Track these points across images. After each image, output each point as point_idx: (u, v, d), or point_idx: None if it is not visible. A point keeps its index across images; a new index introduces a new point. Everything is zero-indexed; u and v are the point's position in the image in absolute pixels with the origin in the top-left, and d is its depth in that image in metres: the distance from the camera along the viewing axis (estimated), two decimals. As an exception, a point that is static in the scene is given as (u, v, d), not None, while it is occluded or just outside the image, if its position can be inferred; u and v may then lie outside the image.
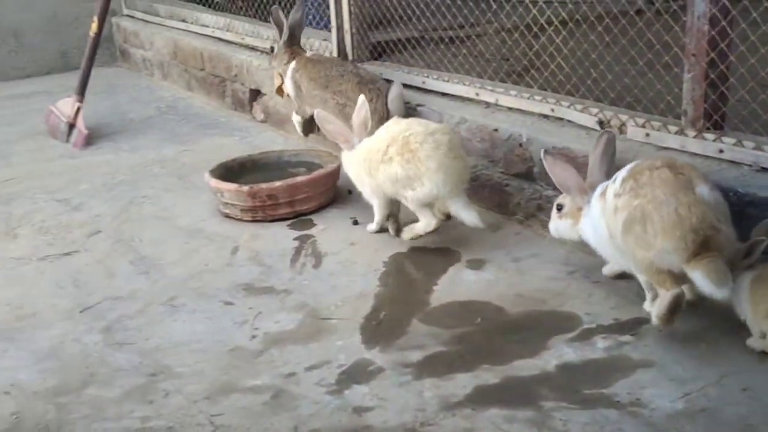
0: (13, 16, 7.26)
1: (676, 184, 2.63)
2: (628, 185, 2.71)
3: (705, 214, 2.58)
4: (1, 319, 3.25)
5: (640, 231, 2.66)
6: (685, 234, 2.57)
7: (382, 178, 3.48)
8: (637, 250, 2.69)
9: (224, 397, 2.66)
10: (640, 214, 2.65)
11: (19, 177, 4.84)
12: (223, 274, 3.49)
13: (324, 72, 4.28)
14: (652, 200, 2.63)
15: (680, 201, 2.59)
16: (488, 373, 2.66)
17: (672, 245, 2.59)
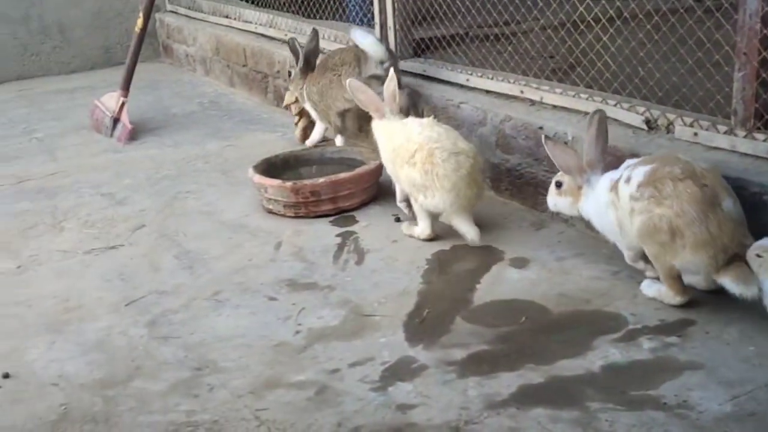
0: (58, 12, 7.35)
1: (704, 201, 2.75)
2: (647, 192, 2.84)
3: (734, 233, 2.74)
4: (48, 311, 3.29)
5: (668, 240, 2.80)
6: (716, 253, 2.74)
7: (403, 175, 3.61)
8: (661, 254, 2.85)
9: (269, 392, 2.67)
10: (668, 226, 2.78)
11: (65, 171, 4.90)
12: (267, 270, 3.51)
13: (323, 63, 4.60)
14: (682, 215, 2.76)
15: (710, 220, 2.73)
16: (533, 373, 2.65)
17: (703, 262, 2.77)
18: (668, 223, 2.78)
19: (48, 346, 3.04)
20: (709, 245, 2.73)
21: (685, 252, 2.78)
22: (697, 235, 2.74)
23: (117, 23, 7.59)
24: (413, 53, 4.70)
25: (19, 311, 3.31)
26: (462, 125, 4.10)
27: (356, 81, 3.86)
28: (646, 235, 2.86)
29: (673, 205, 2.77)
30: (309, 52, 4.78)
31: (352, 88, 3.80)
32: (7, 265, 3.72)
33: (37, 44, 7.35)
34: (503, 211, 3.83)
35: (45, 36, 7.37)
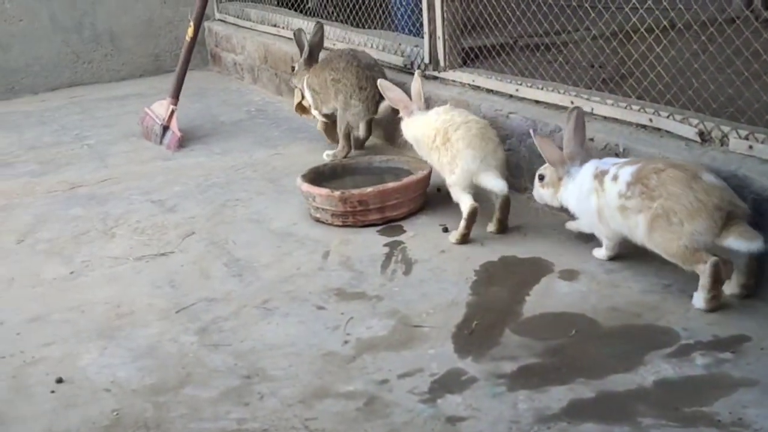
0: (110, 20, 7.47)
1: (686, 178, 2.95)
2: (637, 189, 3.06)
3: (722, 194, 2.92)
4: (100, 317, 3.34)
5: (665, 225, 2.97)
6: (711, 213, 2.89)
7: (435, 162, 3.93)
8: (668, 244, 3.00)
9: (318, 401, 2.68)
10: (662, 211, 2.98)
11: (115, 177, 4.97)
12: (315, 278, 3.52)
13: (325, 60, 4.87)
14: (669, 197, 2.96)
15: (696, 190, 2.92)
16: (584, 387, 2.63)
17: (702, 226, 2.91)
18: (662, 208, 2.98)
19: (100, 352, 3.08)
20: (701, 210, 2.90)
21: (684, 226, 2.93)
22: (687, 206, 2.92)
23: (167, 31, 7.69)
24: (462, 63, 4.69)
25: (72, 316, 3.36)
26: (511, 135, 4.09)
27: (386, 81, 4.27)
28: (656, 233, 3.02)
29: (661, 193, 2.99)
30: (313, 45, 5.01)
31: (382, 88, 4.20)
32: (61, 270, 3.78)
33: (89, 52, 7.47)
34: (552, 223, 3.80)
35: (97, 44, 7.48)
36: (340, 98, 4.69)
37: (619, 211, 3.15)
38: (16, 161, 5.44)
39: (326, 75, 4.75)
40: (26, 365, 3.03)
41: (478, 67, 4.62)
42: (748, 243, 2.85)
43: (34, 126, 6.28)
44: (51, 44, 7.33)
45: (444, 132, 3.80)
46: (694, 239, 2.93)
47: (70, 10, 7.33)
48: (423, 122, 3.98)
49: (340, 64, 4.70)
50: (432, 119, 3.92)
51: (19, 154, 5.60)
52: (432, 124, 3.89)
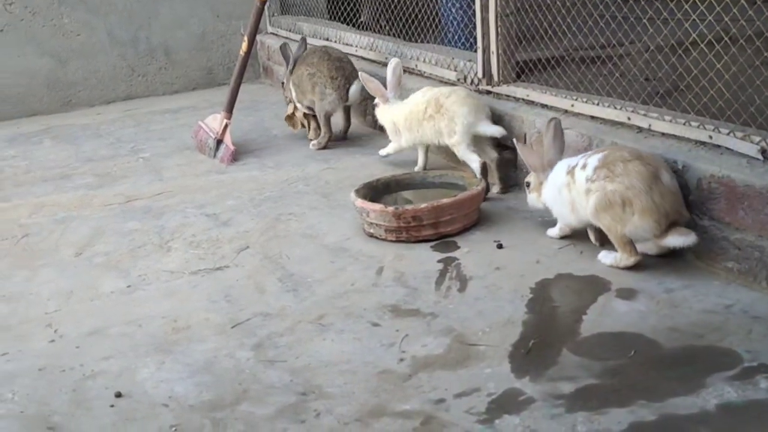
0: (165, 34, 7.58)
1: (649, 176, 3.30)
2: (602, 173, 3.40)
3: (673, 202, 3.32)
4: (157, 331, 3.37)
5: (620, 211, 3.35)
6: (659, 218, 3.31)
7: (428, 133, 4.52)
8: (613, 224, 3.39)
9: (375, 420, 2.67)
10: (620, 198, 3.33)
11: (170, 191, 5.02)
12: (369, 295, 3.52)
13: (302, 57, 5.52)
14: (631, 188, 3.31)
15: (654, 191, 3.29)
16: (644, 410, 2.58)
17: (649, 225, 3.32)
18: (620, 196, 3.33)
19: (158, 366, 3.11)
20: (654, 211, 3.28)
21: (634, 219, 3.32)
22: (644, 204, 3.28)
23: (219, 45, 7.78)
24: (515, 77, 4.67)
25: (129, 330, 3.39)
26: (566, 151, 4.04)
27: (365, 74, 5.02)
28: (601, 210, 3.40)
29: (624, 181, 3.32)
30: (297, 59, 5.58)
31: (363, 80, 4.94)
32: (118, 284, 3.83)
33: (143, 65, 7.59)
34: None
35: (151, 57, 7.60)
36: (317, 90, 5.35)
37: (585, 194, 3.47)
38: (74, 174, 5.53)
39: (303, 70, 5.41)
40: (86, 378, 3.07)
41: (532, 82, 4.59)
42: (684, 239, 3.31)
43: (91, 139, 6.38)
44: (107, 58, 7.46)
45: (435, 101, 4.44)
46: (637, 232, 3.36)
47: (127, 24, 7.46)
48: (407, 105, 4.65)
49: (314, 59, 5.38)
50: (418, 98, 4.57)
51: (77, 166, 5.69)
52: (420, 101, 4.55)
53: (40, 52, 7.26)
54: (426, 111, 4.49)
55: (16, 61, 7.20)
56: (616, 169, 3.36)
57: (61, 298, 3.74)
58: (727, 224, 3.30)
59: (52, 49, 7.30)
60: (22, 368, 3.17)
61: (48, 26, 7.25)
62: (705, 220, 3.38)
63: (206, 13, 7.70)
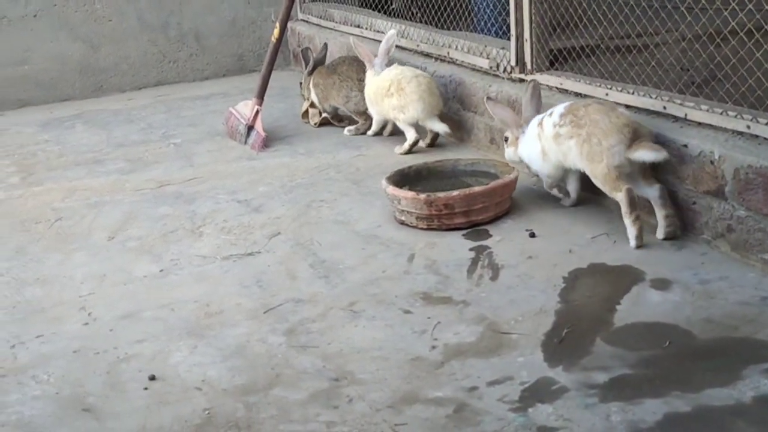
0: (196, 20, 7.60)
1: (604, 109, 3.68)
2: (568, 119, 3.74)
3: (629, 118, 3.66)
4: (190, 315, 3.39)
5: (590, 148, 3.63)
6: (621, 129, 3.58)
7: (386, 106, 5.03)
8: (593, 165, 3.65)
9: (407, 406, 2.67)
10: (587, 135, 3.65)
11: (201, 177, 5.04)
12: (401, 282, 3.52)
13: (332, 66, 5.67)
14: (591, 123, 3.65)
15: (610, 115, 3.64)
16: (679, 401, 2.57)
17: (616, 140, 3.57)
18: (587, 133, 3.65)
19: (191, 350, 3.13)
20: (615, 129, 3.59)
21: (602, 143, 3.59)
22: (603, 128, 3.60)
23: (250, 31, 7.78)
24: (549, 65, 4.64)
25: (162, 314, 3.41)
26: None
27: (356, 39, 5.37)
28: (584, 155, 3.68)
29: (587, 121, 3.67)
30: (317, 61, 5.80)
31: (354, 44, 5.23)
32: (151, 268, 3.85)
33: (174, 51, 7.61)
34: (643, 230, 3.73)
35: (182, 44, 7.61)
36: (343, 93, 5.51)
37: (553, 139, 3.80)
38: (106, 158, 5.57)
39: (334, 78, 5.54)
40: (119, 361, 3.09)
41: (566, 70, 4.56)
42: (655, 153, 3.50)
43: (122, 124, 6.41)
44: (138, 44, 7.49)
45: (398, 82, 4.91)
46: (611, 153, 3.56)
47: (158, 10, 7.48)
48: (377, 82, 5.08)
49: (343, 68, 5.55)
50: (385, 75, 5.02)
51: (109, 151, 5.72)
52: (385, 78, 5.00)
53: (72, 37, 7.30)
54: (389, 89, 4.96)
55: (49, 46, 7.24)
56: (578, 112, 3.73)
57: (94, 282, 3.77)
58: (764, 215, 3.26)
59: (84, 35, 7.34)
60: (57, 350, 3.20)
61: (80, 12, 7.29)
62: (741, 211, 3.34)
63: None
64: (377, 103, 5.14)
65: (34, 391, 2.94)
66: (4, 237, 4.34)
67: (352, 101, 5.50)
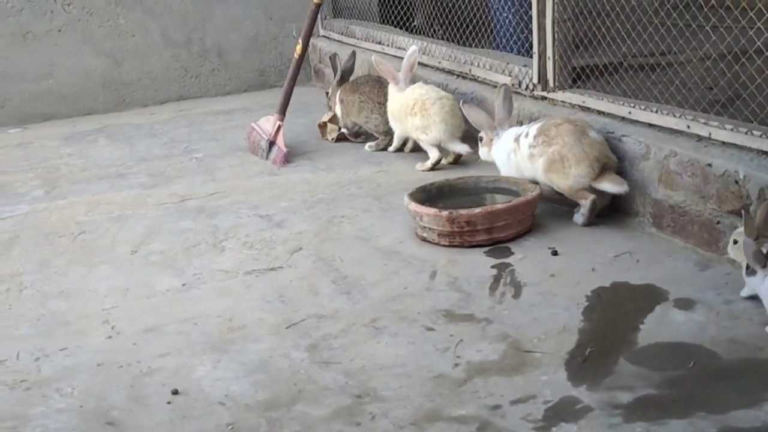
0: (219, 36, 7.64)
1: (576, 132, 3.96)
2: (541, 139, 4.07)
3: (601, 149, 3.95)
4: (213, 330, 3.40)
5: (560, 167, 3.98)
6: (592, 163, 3.92)
7: (409, 125, 5.08)
8: (559, 181, 4.02)
9: (430, 424, 2.67)
10: (558, 156, 3.97)
11: (223, 191, 5.06)
12: (423, 299, 3.52)
13: (356, 84, 5.70)
14: (564, 146, 3.96)
15: (583, 143, 3.93)
16: (704, 422, 2.55)
17: (584, 171, 3.92)
18: (558, 153, 3.97)
19: (214, 365, 3.14)
20: (585, 158, 3.91)
21: (572, 169, 3.94)
22: (576, 154, 3.92)
23: (272, 47, 7.82)
24: (571, 83, 4.64)
25: (185, 328, 3.43)
26: (623, 159, 4.02)
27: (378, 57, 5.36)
28: (548, 170, 4.04)
29: (558, 141, 3.98)
30: (345, 70, 5.85)
31: (376, 63, 5.23)
32: (173, 282, 3.87)
33: (196, 66, 7.66)
34: (666, 249, 3.72)
35: (204, 59, 7.66)
36: (363, 114, 5.55)
37: (528, 158, 4.13)
38: (129, 172, 5.60)
39: (356, 97, 5.58)
40: (143, 375, 3.10)
41: (589, 88, 4.56)
42: (617, 187, 3.90)
43: (145, 138, 6.45)
44: (161, 59, 7.54)
45: (422, 103, 4.97)
46: (578, 180, 3.94)
47: (181, 26, 7.53)
48: (401, 100, 5.12)
49: (366, 88, 5.57)
50: (409, 94, 5.07)
51: (131, 165, 5.76)
52: (410, 97, 5.05)
53: (96, 52, 7.36)
54: (413, 108, 5.01)
55: (73, 60, 7.30)
56: (550, 132, 4.03)
57: (117, 295, 3.79)
58: (789, 236, 3.24)
59: (108, 50, 7.39)
60: (81, 363, 3.22)
61: (104, 27, 7.35)
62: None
63: (259, 15, 7.75)
64: (400, 120, 5.17)
65: (58, 404, 2.95)
66: (29, 250, 4.37)
67: (371, 122, 5.54)
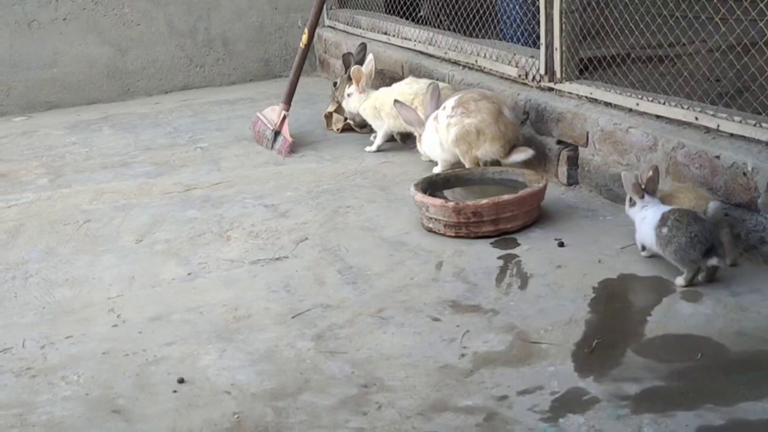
0: (224, 25, 7.63)
1: (494, 112, 4.37)
2: (459, 110, 4.41)
3: (514, 130, 4.42)
4: (218, 319, 3.40)
5: (474, 138, 4.37)
6: (504, 144, 4.37)
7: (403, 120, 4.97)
8: (467, 149, 4.41)
9: (437, 414, 2.66)
10: (475, 129, 4.36)
11: (228, 181, 5.05)
12: (429, 289, 3.51)
13: None
14: (482, 121, 4.34)
15: (499, 123, 4.35)
16: (712, 414, 2.55)
17: (496, 149, 4.36)
18: (475, 127, 4.35)
19: (219, 354, 3.13)
20: (501, 138, 4.35)
21: (485, 144, 4.35)
22: (493, 133, 4.34)
23: (277, 37, 7.81)
24: (578, 74, 4.62)
25: (191, 317, 3.42)
26: (630, 150, 4.01)
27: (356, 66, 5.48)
28: (459, 138, 4.40)
29: (477, 116, 4.35)
30: (357, 63, 5.65)
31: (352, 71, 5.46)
32: (179, 271, 3.86)
33: (201, 56, 7.64)
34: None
35: (209, 48, 7.65)
36: None
37: (446, 128, 4.45)
38: (133, 161, 5.59)
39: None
40: (148, 364, 3.10)
41: (597, 80, 4.54)
42: (524, 154, 4.35)
43: (149, 127, 6.45)
44: (166, 48, 7.53)
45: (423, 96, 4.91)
46: (486, 155, 4.38)
47: (186, 15, 7.52)
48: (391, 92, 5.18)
49: None
50: (404, 87, 5.16)
51: (136, 154, 5.75)
52: (407, 90, 5.12)
53: (100, 41, 7.35)
54: (413, 102, 5.00)
55: (77, 49, 7.30)
56: (469, 106, 4.38)
57: (123, 284, 3.78)
58: (797, 228, 3.23)
59: (113, 39, 7.38)
60: (86, 351, 3.22)
61: (109, 15, 7.34)
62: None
63: (264, 5, 7.73)
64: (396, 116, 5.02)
65: (64, 392, 2.95)
66: (34, 238, 4.37)
67: None
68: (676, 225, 3.27)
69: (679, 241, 3.25)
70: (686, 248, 3.23)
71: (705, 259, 3.24)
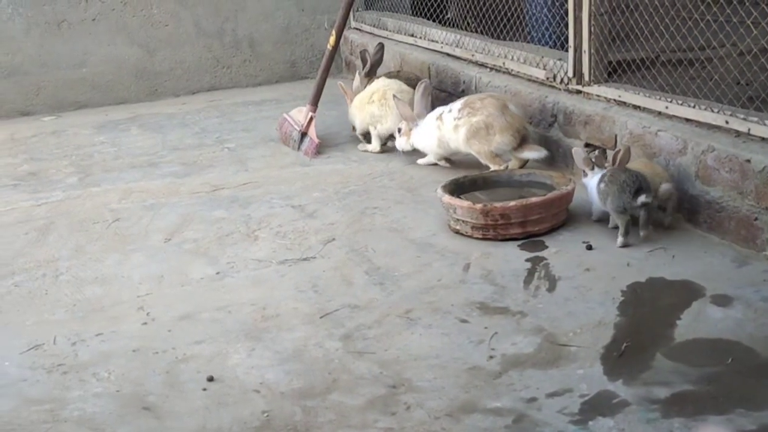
0: (250, 26, 7.66)
1: (499, 106, 4.54)
2: (465, 111, 4.60)
3: (522, 122, 4.57)
4: (247, 318, 3.42)
5: (484, 134, 4.51)
6: (514, 133, 4.50)
7: (365, 116, 5.36)
8: (481, 146, 4.55)
9: (465, 415, 2.67)
10: (483, 124, 4.51)
11: (256, 181, 5.08)
12: (457, 291, 3.52)
13: None
14: (489, 116, 4.51)
15: (506, 115, 4.51)
16: (743, 419, 2.53)
17: (507, 140, 4.50)
18: (483, 122, 4.51)
19: (248, 353, 3.15)
20: (509, 128, 4.49)
21: (496, 137, 4.49)
22: (501, 124, 4.48)
23: (303, 39, 7.83)
24: (607, 77, 4.61)
25: (220, 316, 3.45)
26: (659, 153, 3.99)
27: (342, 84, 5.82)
28: (471, 137, 4.56)
29: (483, 112, 4.53)
30: (374, 63, 5.86)
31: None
32: (207, 270, 3.89)
33: (228, 57, 7.68)
34: (701, 245, 3.69)
35: (236, 50, 7.68)
36: None
37: (453, 130, 4.64)
38: (161, 161, 5.63)
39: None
40: (178, 362, 3.12)
41: (624, 82, 4.52)
42: (537, 153, 4.51)
43: (177, 128, 6.48)
44: (193, 49, 7.56)
45: (383, 93, 5.24)
46: (500, 147, 4.50)
47: (214, 16, 7.55)
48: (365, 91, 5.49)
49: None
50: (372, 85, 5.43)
51: (164, 154, 5.79)
52: (371, 87, 5.40)
53: (129, 41, 7.40)
54: (371, 97, 5.29)
55: (106, 50, 7.35)
56: (475, 105, 4.58)
57: (152, 282, 3.81)
58: (829, 233, 3.21)
59: (141, 39, 7.43)
60: (117, 349, 3.25)
61: (138, 16, 7.38)
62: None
63: (291, 6, 7.75)
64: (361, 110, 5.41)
65: (95, 389, 2.98)
66: (64, 236, 4.41)
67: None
68: (610, 179, 3.73)
69: (612, 190, 3.70)
70: (619, 194, 3.67)
71: (635, 200, 3.63)
